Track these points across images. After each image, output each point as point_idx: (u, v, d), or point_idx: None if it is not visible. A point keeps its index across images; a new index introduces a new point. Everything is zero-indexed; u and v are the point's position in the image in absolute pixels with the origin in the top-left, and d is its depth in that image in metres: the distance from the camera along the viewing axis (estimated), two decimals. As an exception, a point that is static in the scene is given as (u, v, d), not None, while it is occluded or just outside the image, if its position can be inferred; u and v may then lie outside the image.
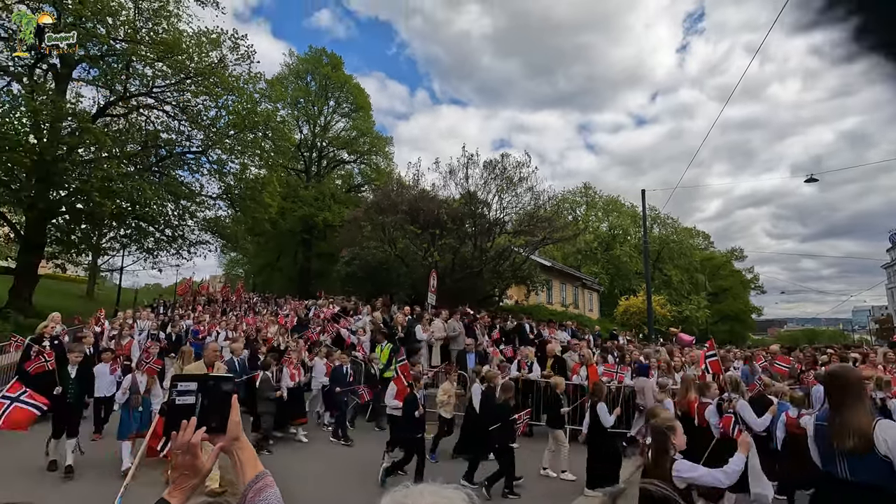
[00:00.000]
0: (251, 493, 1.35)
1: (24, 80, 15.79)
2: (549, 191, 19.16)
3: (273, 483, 1.39)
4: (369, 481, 6.71)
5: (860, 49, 0.79)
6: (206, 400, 1.29)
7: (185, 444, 1.23)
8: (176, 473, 1.25)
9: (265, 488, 1.37)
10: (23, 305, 16.14)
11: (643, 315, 28.17)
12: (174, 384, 1.31)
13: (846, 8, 0.79)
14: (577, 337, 15.41)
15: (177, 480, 1.25)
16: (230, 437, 1.32)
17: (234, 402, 1.35)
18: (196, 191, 20.52)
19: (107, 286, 36.10)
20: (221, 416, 1.29)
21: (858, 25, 0.78)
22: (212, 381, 1.34)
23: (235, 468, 1.41)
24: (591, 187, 50.10)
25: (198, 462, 1.25)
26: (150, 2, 18.23)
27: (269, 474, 1.40)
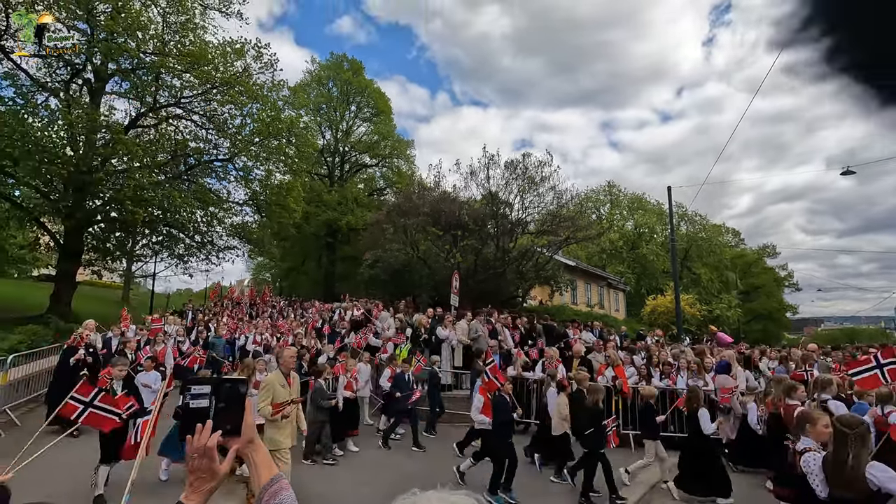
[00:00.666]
0: (266, 495, 1.35)
1: (61, 95, 16.48)
2: (572, 190, 18.98)
3: (288, 486, 1.39)
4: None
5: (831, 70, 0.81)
6: (221, 403, 1.31)
7: (202, 448, 1.24)
8: (193, 476, 1.26)
9: (280, 491, 1.37)
10: (63, 311, 16.80)
11: (671, 315, 27.49)
12: (187, 387, 1.33)
13: (820, 29, 0.80)
14: (603, 338, 15.15)
15: (194, 483, 1.25)
16: (245, 440, 1.33)
17: (249, 405, 1.36)
18: (223, 197, 21.02)
19: (141, 291, 37.32)
20: (236, 418, 1.30)
21: (831, 47, 0.80)
22: (227, 384, 1.36)
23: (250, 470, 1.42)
24: (615, 185, 49.32)
25: (214, 465, 1.26)
26: (178, 15, 18.82)
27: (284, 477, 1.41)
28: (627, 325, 22.65)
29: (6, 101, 15.36)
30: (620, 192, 48.87)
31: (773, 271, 53.38)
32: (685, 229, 46.97)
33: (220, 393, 1.32)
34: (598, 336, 15.07)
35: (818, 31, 0.81)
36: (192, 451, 1.26)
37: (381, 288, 20.59)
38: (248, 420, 1.34)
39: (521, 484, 6.67)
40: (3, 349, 10.42)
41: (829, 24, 0.81)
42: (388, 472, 7.32)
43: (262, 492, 1.38)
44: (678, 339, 19.95)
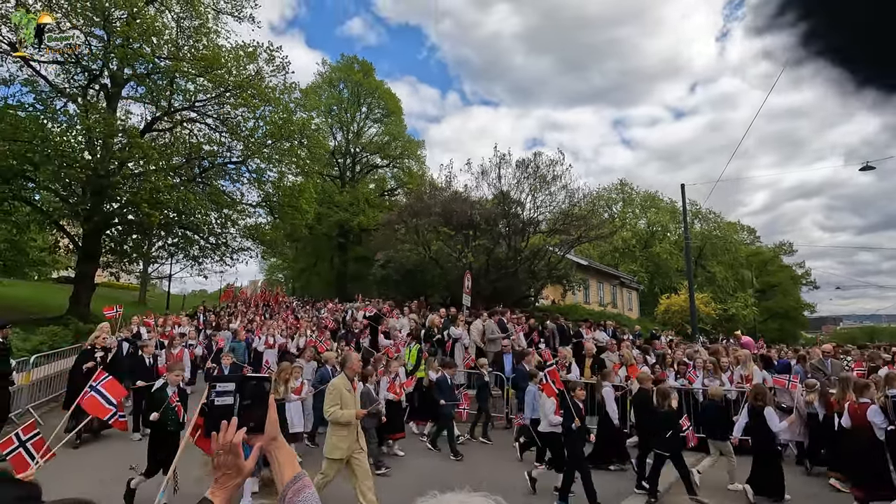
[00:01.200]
0: (290, 493, 1.37)
1: (79, 101, 16.78)
2: (584, 188, 18.86)
3: (311, 484, 1.41)
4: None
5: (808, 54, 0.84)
6: (245, 400, 1.33)
7: (227, 444, 1.26)
8: (218, 473, 1.27)
9: (304, 489, 1.39)
10: (82, 312, 17.12)
11: (685, 314, 27.19)
12: (213, 385, 1.35)
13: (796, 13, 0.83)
14: (617, 337, 15.05)
15: (219, 479, 1.27)
16: (268, 437, 1.35)
17: (272, 402, 1.38)
18: (237, 199, 21.25)
19: (157, 293, 37.88)
20: (259, 416, 1.32)
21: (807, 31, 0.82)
22: (252, 382, 1.38)
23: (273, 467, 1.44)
24: (628, 183, 48.96)
25: (240, 461, 1.27)
26: (191, 20, 19.10)
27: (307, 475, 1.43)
28: (641, 325, 22.45)
29: (26, 107, 15.69)
30: (633, 190, 48.51)
31: (790, 269, 52.52)
32: (699, 227, 46.44)
33: (244, 390, 1.34)
34: (612, 335, 14.98)
35: (794, 16, 0.83)
36: (217, 448, 1.28)
37: (393, 288, 20.66)
38: (271, 417, 1.37)
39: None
40: (25, 349, 10.65)
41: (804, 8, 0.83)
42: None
43: (285, 489, 1.40)
44: (693, 339, 19.73)
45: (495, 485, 6.53)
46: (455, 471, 7.58)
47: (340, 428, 5.30)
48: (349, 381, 5.56)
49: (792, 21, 0.84)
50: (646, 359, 11.04)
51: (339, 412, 5.28)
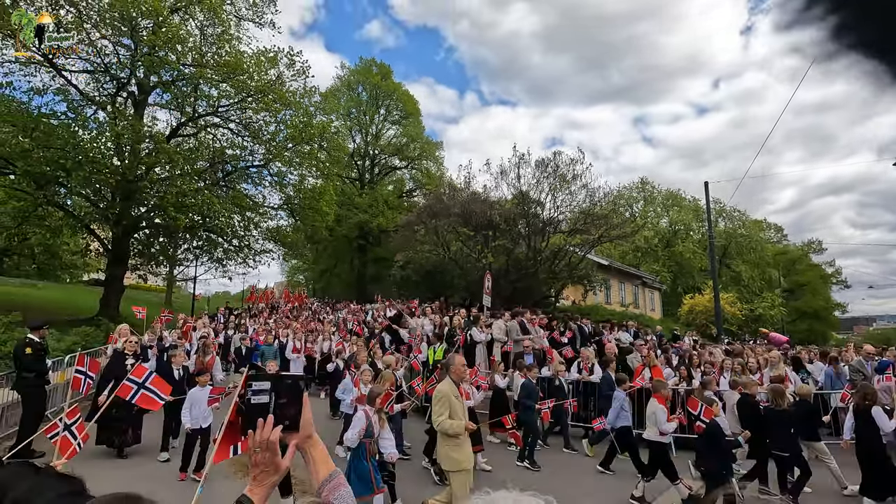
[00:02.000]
0: (326, 491, 1.38)
1: (108, 108, 17.29)
2: (605, 187, 18.65)
3: (345, 482, 1.42)
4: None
5: (839, 47, 0.81)
6: (280, 399, 1.35)
7: (264, 442, 1.27)
8: (256, 470, 1.28)
9: (338, 487, 1.40)
10: (112, 314, 17.62)
11: (710, 314, 26.64)
12: (249, 383, 1.37)
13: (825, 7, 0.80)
14: (639, 337, 14.83)
15: (257, 477, 1.28)
16: (303, 435, 1.36)
17: (306, 400, 1.39)
18: (259, 202, 21.62)
19: (182, 294, 38.74)
20: (294, 414, 1.33)
21: (837, 24, 0.80)
22: (289, 380, 1.40)
23: (308, 466, 1.45)
24: (649, 182, 48.23)
25: (277, 458, 1.28)
26: (214, 27, 19.50)
27: (342, 473, 1.44)
28: (664, 325, 22.07)
29: (59, 115, 16.21)
30: (654, 189, 47.76)
31: (820, 268, 50.95)
32: (724, 226, 45.45)
33: (279, 389, 1.36)
34: (634, 336, 14.77)
35: (823, 10, 0.81)
36: (254, 446, 1.30)
37: (413, 289, 20.76)
38: (306, 416, 1.38)
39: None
40: (60, 350, 11.00)
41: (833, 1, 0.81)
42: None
43: (321, 486, 1.41)
44: (718, 340, 19.32)
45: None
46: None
47: (451, 437, 4.76)
48: (455, 386, 5.01)
49: (821, 15, 0.81)
50: (669, 360, 10.85)
51: (448, 422, 4.72)
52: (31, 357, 7.40)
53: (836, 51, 0.82)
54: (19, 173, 15.45)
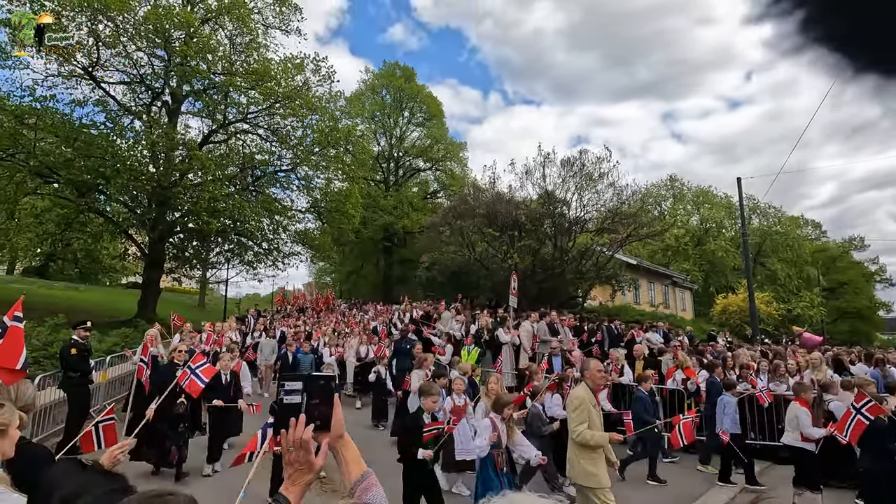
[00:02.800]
0: (358, 491, 1.39)
1: (144, 118, 17.95)
2: (632, 185, 18.32)
3: (377, 482, 1.43)
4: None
5: (806, 41, 0.83)
6: (312, 399, 1.37)
7: (298, 441, 1.29)
8: (290, 469, 1.31)
9: (371, 487, 1.40)
10: (149, 315, 18.24)
11: (744, 314, 25.80)
12: (281, 384, 1.40)
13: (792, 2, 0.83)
14: (669, 338, 14.49)
15: (292, 476, 1.30)
16: (335, 435, 1.37)
17: (337, 401, 1.40)
18: (287, 206, 22.05)
19: (215, 296, 39.84)
20: (325, 414, 1.34)
21: (804, 18, 0.82)
22: (320, 380, 1.42)
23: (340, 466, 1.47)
24: (678, 179, 47.04)
25: (311, 457, 1.30)
26: (243, 36, 20.02)
27: (373, 473, 1.45)
28: (696, 326, 21.52)
29: (98, 125, 16.92)
30: (684, 186, 46.58)
31: (862, 266, 48.69)
32: (758, 223, 43.98)
33: (311, 389, 1.38)
34: (664, 337, 14.44)
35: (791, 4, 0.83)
36: (288, 445, 1.32)
37: (439, 290, 20.80)
38: (337, 415, 1.40)
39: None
40: (101, 350, 11.46)
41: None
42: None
43: (353, 487, 1.43)
44: (753, 341, 18.69)
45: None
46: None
47: (589, 449, 4.32)
48: (593, 393, 4.57)
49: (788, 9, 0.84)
50: (701, 361, 10.56)
51: (589, 433, 4.28)
52: (75, 357, 7.73)
53: (803, 44, 0.84)
54: (62, 182, 16.16)
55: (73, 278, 31.57)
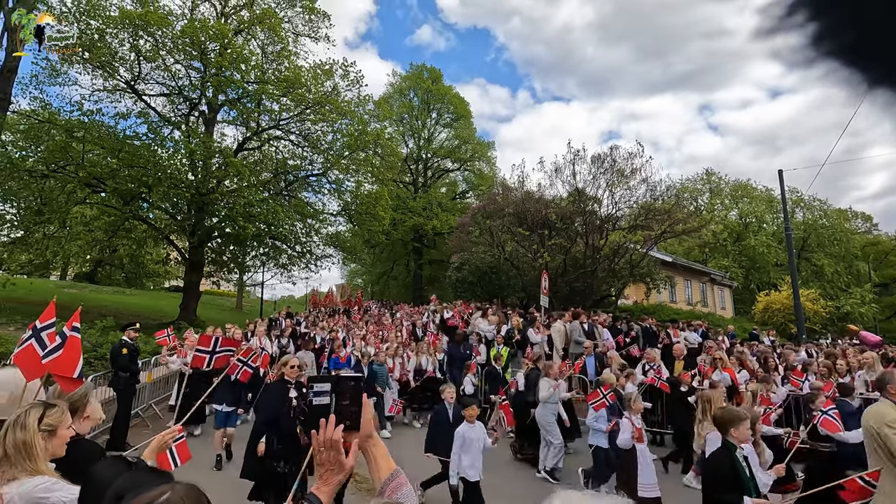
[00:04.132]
0: (388, 490, 1.41)
1: (182, 128, 18.68)
2: (666, 181, 17.86)
3: (407, 481, 1.45)
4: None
5: (818, 55, 0.82)
6: (341, 399, 1.39)
7: (329, 441, 1.32)
8: (322, 469, 1.33)
9: (402, 486, 1.42)
10: (190, 318, 18.96)
11: (788, 312, 24.71)
12: (310, 385, 1.43)
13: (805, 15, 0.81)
14: (708, 338, 14.03)
15: (323, 476, 1.33)
16: (364, 434, 1.40)
17: (366, 401, 1.43)
18: (319, 210, 22.53)
19: (251, 299, 41.04)
20: (354, 414, 1.37)
21: (816, 32, 0.81)
22: (350, 381, 1.45)
23: (370, 465, 1.49)
24: (714, 172, 45.44)
25: (341, 457, 1.32)
26: (274, 45, 20.59)
27: (403, 472, 1.46)
28: (737, 325, 20.75)
29: (141, 136, 17.69)
30: (721, 180, 44.96)
31: (918, 259, 45.85)
32: (802, 216, 42.01)
33: (340, 390, 1.41)
34: (703, 336, 13.99)
35: (803, 17, 0.82)
36: (319, 445, 1.35)
37: (469, 290, 20.78)
38: (366, 416, 1.42)
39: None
40: (146, 352, 11.96)
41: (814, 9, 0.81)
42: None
43: (383, 486, 1.45)
44: (799, 340, 17.87)
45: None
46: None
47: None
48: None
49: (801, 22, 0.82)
50: (742, 361, 10.18)
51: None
52: (126, 357, 8.13)
53: (815, 58, 0.83)
54: (109, 191, 16.99)
55: (120, 283, 33.13)
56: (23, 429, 2.05)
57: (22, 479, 1.98)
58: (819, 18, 0.81)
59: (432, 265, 34.78)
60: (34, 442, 2.05)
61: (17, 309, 15.15)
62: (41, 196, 16.64)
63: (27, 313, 13.94)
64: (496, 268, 19.29)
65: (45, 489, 1.96)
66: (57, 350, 4.11)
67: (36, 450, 2.04)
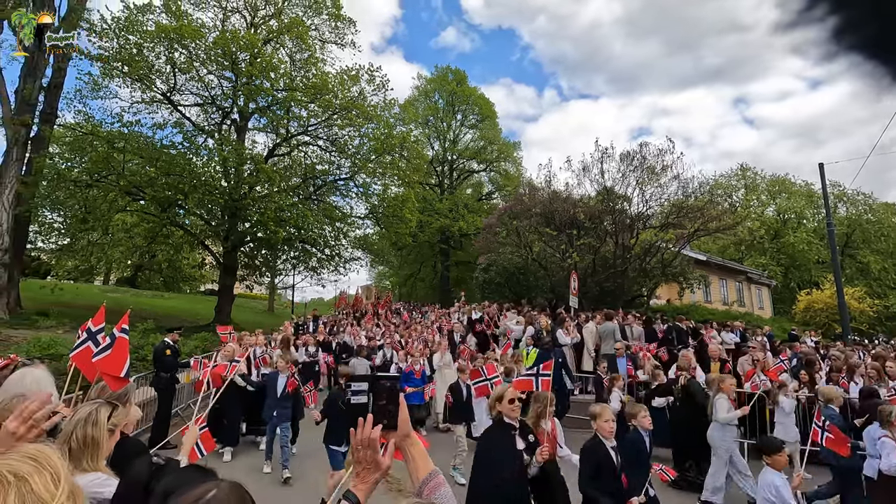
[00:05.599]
0: (426, 490, 1.42)
1: (215, 136, 19.27)
2: (699, 177, 17.37)
3: (445, 481, 1.45)
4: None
5: (840, 48, 0.81)
6: (379, 399, 1.41)
7: (366, 440, 1.33)
8: (359, 468, 1.35)
9: (439, 486, 1.42)
10: (224, 320, 19.48)
11: (832, 312, 23.64)
12: (348, 384, 1.46)
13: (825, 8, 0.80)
14: (746, 339, 13.57)
15: (360, 474, 1.35)
16: (402, 434, 1.41)
17: (402, 401, 1.44)
18: (347, 213, 22.86)
19: (282, 301, 41.92)
20: (392, 413, 1.39)
21: (837, 25, 0.79)
22: (386, 382, 1.46)
23: (408, 465, 1.50)
24: (749, 168, 43.90)
25: (378, 456, 1.34)
26: (302, 53, 21.05)
27: (441, 473, 1.47)
28: (776, 325, 20.00)
29: (177, 145, 18.33)
30: (756, 175, 43.39)
31: (975, 255, 43.13)
32: (845, 211, 40.14)
33: (377, 390, 1.42)
34: (740, 337, 13.54)
35: (823, 11, 0.80)
36: (357, 444, 1.36)
37: (496, 291, 20.68)
38: (403, 416, 1.43)
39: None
40: (184, 353, 12.37)
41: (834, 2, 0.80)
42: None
43: (421, 486, 1.45)
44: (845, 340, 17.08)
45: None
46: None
47: None
48: None
49: (821, 16, 0.81)
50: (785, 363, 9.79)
51: None
52: (169, 358, 8.44)
53: (836, 52, 0.82)
54: (147, 199, 17.67)
55: (158, 287, 34.35)
56: (94, 425, 2.13)
57: (77, 475, 2.07)
58: (840, 12, 0.79)
59: (459, 266, 34.76)
60: (102, 439, 2.14)
61: (65, 313, 15.90)
62: (86, 205, 17.45)
63: (75, 317, 14.60)
64: (524, 268, 19.14)
65: (99, 484, 2.05)
66: (106, 350, 4.31)
67: (102, 447, 2.13)
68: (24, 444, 0.93)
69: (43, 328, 13.69)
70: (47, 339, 11.10)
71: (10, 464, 0.81)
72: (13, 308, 15.36)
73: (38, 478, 0.80)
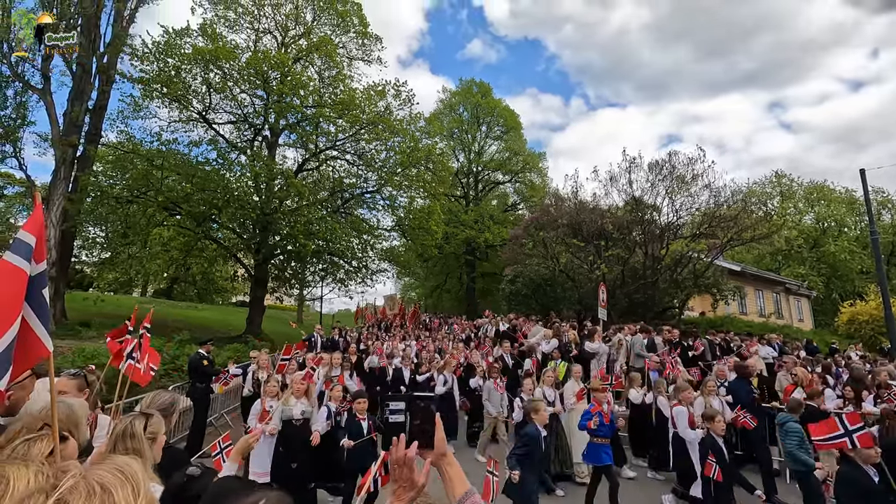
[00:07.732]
0: None
1: (248, 152, 19.89)
2: (731, 185, 16.96)
3: (481, 501, 1.46)
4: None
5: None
6: (415, 419, 1.43)
7: (402, 459, 1.35)
8: (395, 486, 1.37)
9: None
10: (255, 331, 19.95)
11: (878, 324, 22.48)
12: (386, 403, 1.49)
13: None
14: (785, 352, 13.02)
15: (396, 492, 1.37)
16: (438, 453, 1.43)
17: (438, 420, 1.46)
18: (374, 225, 23.17)
19: (311, 312, 42.57)
20: (428, 433, 1.41)
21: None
22: (421, 402, 1.49)
23: (444, 484, 1.51)
24: (785, 174, 42.50)
25: (414, 475, 1.36)
26: (330, 70, 21.62)
27: (477, 492, 1.47)
28: (818, 338, 19.15)
29: (211, 162, 19.01)
30: (793, 182, 41.96)
31: None
32: (889, 219, 38.36)
33: (414, 409, 1.45)
34: (779, 351, 13.01)
35: None
36: (393, 462, 1.39)
37: (523, 303, 20.50)
38: (439, 435, 1.45)
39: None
40: (218, 364, 12.70)
41: None
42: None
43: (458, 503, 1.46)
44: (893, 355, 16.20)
45: None
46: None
47: None
48: None
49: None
50: (826, 378, 9.36)
51: None
52: (206, 368, 8.68)
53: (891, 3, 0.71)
54: (184, 214, 18.33)
55: (193, 298, 35.41)
56: (132, 437, 2.21)
57: None
58: None
59: (485, 278, 34.65)
60: (143, 449, 2.22)
61: (106, 323, 16.56)
62: (126, 220, 18.22)
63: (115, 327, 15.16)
64: (551, 280, 18.95)
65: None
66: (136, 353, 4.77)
67: (145, 456, 2.21)
68: (115, 457, 1.00)
69: (86, 338, 14.29)
70: (91, 349, 11.57)
71: (102, 475, 0.88)
72: (58, 319, 16.09)
73: (122, 490, 0.86)
